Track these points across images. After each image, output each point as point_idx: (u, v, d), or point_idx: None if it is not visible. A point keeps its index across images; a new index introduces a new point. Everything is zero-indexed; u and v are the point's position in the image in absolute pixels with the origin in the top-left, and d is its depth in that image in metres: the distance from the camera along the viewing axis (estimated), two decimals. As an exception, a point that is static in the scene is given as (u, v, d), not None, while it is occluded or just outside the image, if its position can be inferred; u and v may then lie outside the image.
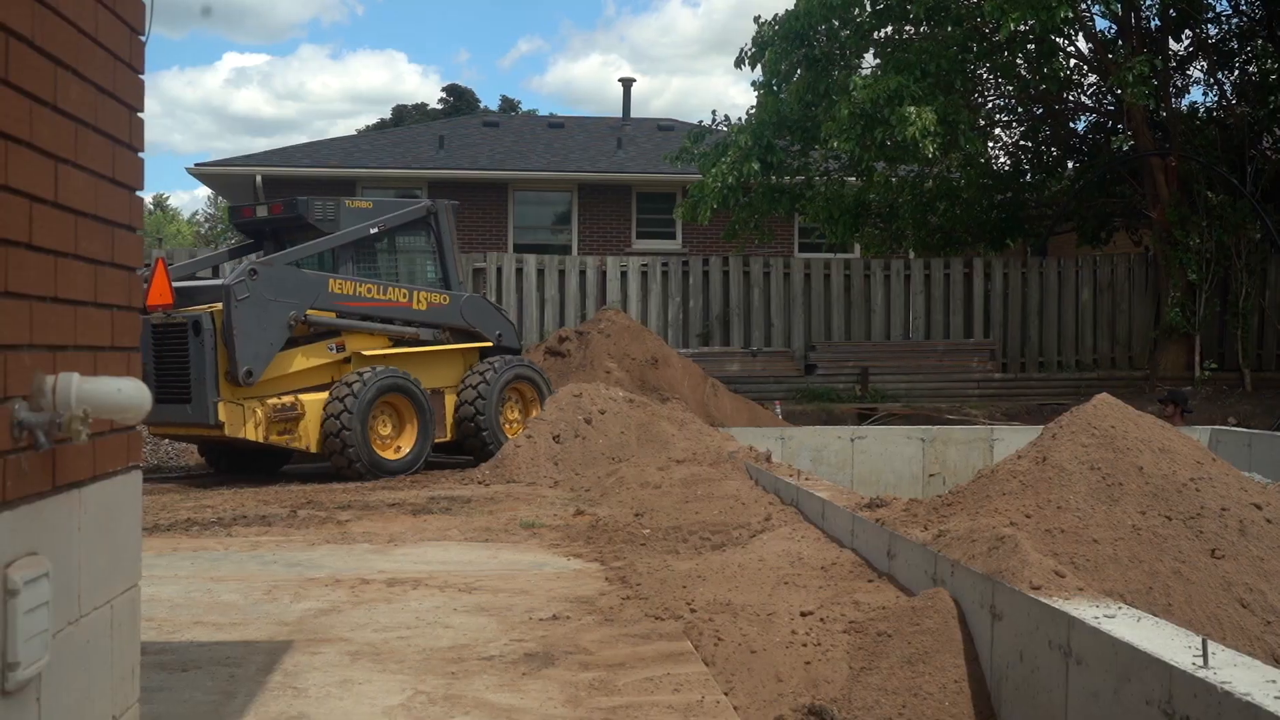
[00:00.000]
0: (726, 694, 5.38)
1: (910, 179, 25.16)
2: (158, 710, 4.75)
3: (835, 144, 19.96)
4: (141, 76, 3.51)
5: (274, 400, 12.93)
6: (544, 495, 11.77)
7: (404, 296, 14.19)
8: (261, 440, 12.90)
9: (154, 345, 12.99)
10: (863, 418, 20.28)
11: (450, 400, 14.68)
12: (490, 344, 15.16)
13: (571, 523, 9.97)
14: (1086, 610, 4.69)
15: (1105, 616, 4.59)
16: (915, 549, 6.45)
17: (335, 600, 6.92)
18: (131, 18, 3.42)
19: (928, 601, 5.84)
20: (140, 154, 3.51)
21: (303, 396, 13.20)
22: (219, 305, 12.73)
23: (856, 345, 22.91)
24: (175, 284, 13.16)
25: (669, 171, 26.95)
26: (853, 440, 16.94)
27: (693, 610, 6.41)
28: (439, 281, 14.87)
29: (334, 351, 13.62)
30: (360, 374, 13.35)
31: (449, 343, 14.77)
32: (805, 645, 5.85)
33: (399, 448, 13.78)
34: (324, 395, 13.32)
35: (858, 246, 27.49)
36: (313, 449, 13.31)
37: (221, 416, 12.55)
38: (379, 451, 13.46)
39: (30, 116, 2.75)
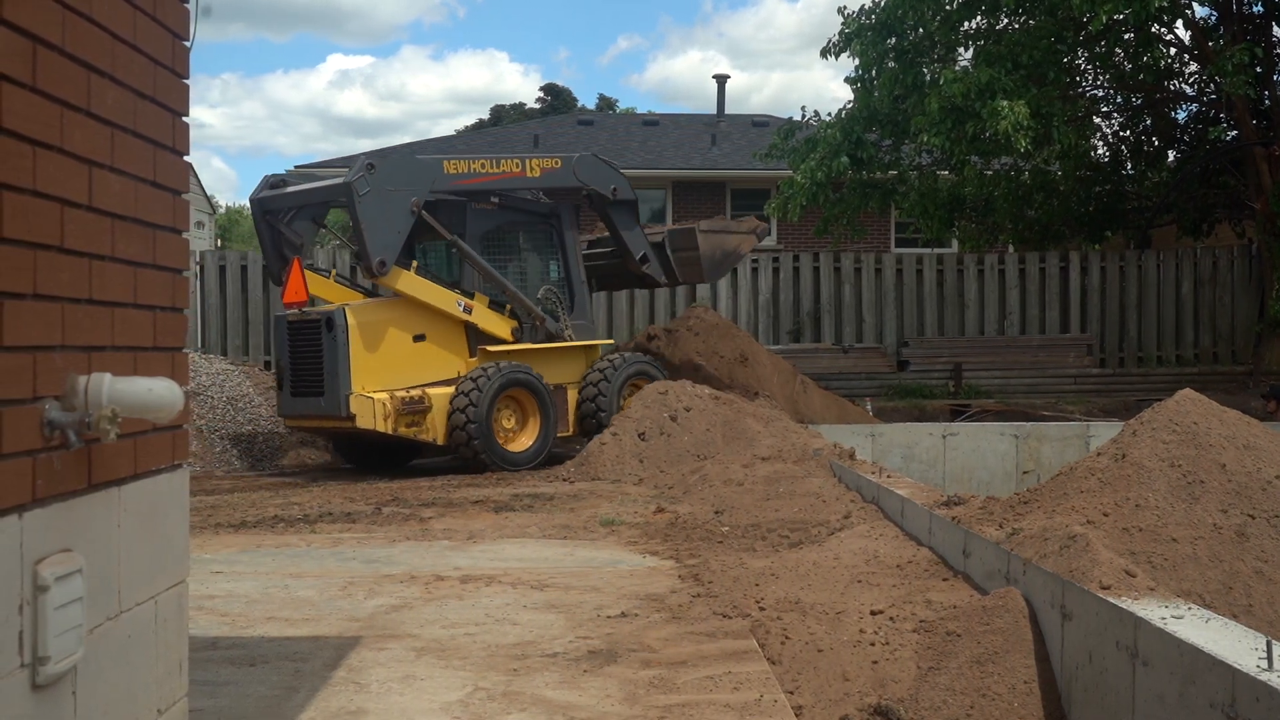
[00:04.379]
0: (791, 693, 5.34)
1: (1005, 172, 24.79)
2: (221, 704, 4.83)
3: (926, 138, 19.73)
4: (186, 81, 3.56)
5: (403, 393, 13.39)
6: (627, 493, 11.79)
7: (516, 167, 14.55)
8: (390, 432, 13.37)
9: (289, 341, 13.75)
10: (956, 414, 20.01)
11: (572, 395, 15.08)
12: (611, 341, 15.93)
13: (651, 520, 9.96)
14: (1154, 611, 4.58)
15: (1173, 617, 4.49)
16: (989, 547, 6.36)
17: (408, 596, 6.99)
18: (174, 23, 3.47)
19: (998, 601, 5.75)
20: (185, 157, 3.56)
21: (430, 390, 13.67)
22: (351, 303, 13.55)
23: (950, 341, 22.63)
24: (297, 189, 14.05)
25: (763, 168, 26.80)
26: (944, 437, 16.74)
27: (761, 608, 6.38)
28: (560, 281, 15.25)
29: (463, 310, 14.06)
30: (486, 368, 13.80)
31: (571, 338, 15.05)
32: (873, 644, 5.79)
33: (522, 441, 14.18)
34: (450, 389, 13.76)
35: (955, 241, 27.14)
36: (439, 441, 13.80)
37: (353, 409, 13.09)
38: (503, 444, 13.88)
39: (61, 122, 2.80)
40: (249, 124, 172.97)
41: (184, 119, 3.56)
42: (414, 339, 13.76)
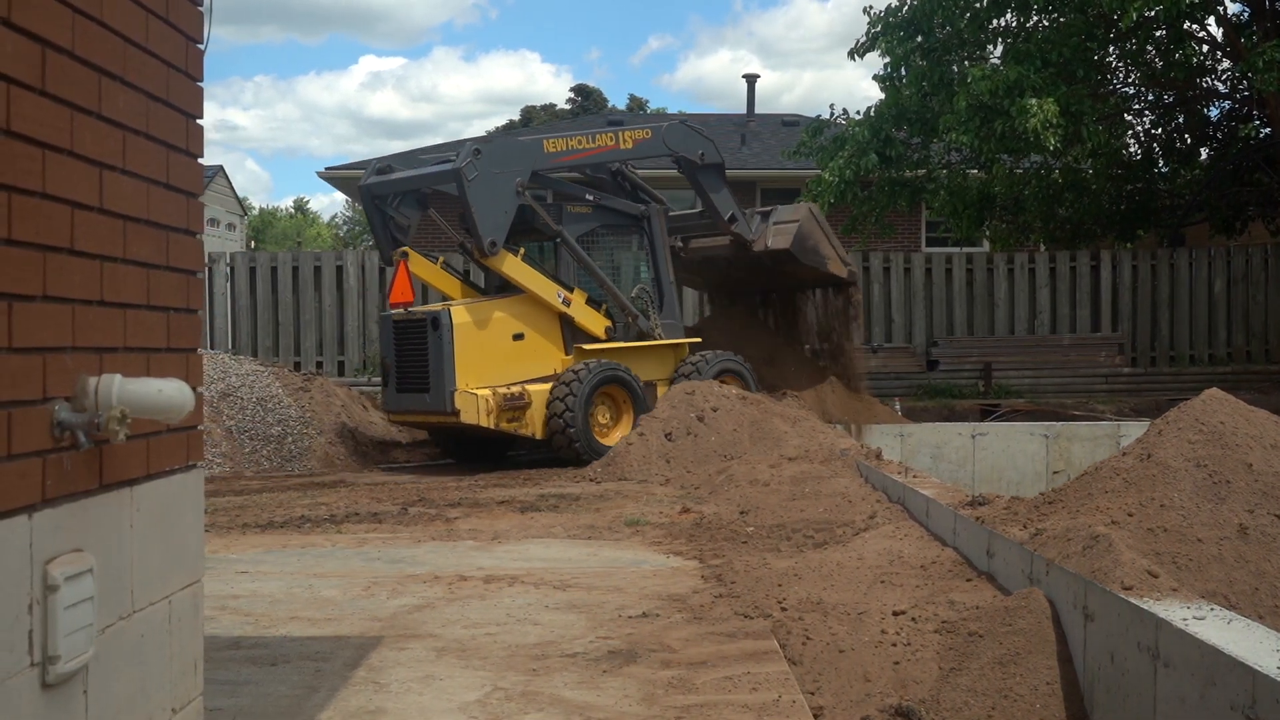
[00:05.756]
0: (812, 694, 5.33)
1: (1035, 171, 24.64)
2: (241, 704, 4.85)
3: (954, 136, 19.66)
4: (200, 84, 3.58)
5: (504, 390, 13.96)
6: (653, 493, 11.78)
7: (610, 140, 15.39)
8: (492, 427, 13.98)
9: (395, 340, 14.50)
10: (985, 414, 19.92)
11: (662, 391, 15.51)
12: (699, 340, 16.38)
13: (676, 520, 9.96)
14: (1176, 612, 4.54)
15: (1194, 618, 4.45)
16: (1012, 548, 6.32)
17: (430, 596, 7.01)
18: (188, 26, 3.48)
19: (1021, 601, 5.72)
20: (199, 159, 3.58)
21: (529, 386, 14.27)
22: (454, 302, 14.38)
23: (980, 340, 22.52)
24: (404, 175, 14.83)
25: (793, 166, 26.71)
26: (974, 437, 16.68)
27: (783, 609, 6.36)
28: (651, 280, 15.85)
29: (562, 302, 14.73)
30: (581, 366, 14.39)
31: (661, 336, 15.60)
32: (895, 645, 5.76)
33: (616, 435, 14.66)
34: (548, 386, 14.36)
35: (985, 240, 27.00)
36: (538, 435, 14.42)
37: (457, 405, 13.71)
38: (598, 438, 14.44)
39: (71, 125, 2.82)
40: (282, 126, 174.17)
41: (198, 121, 3.57)
42: (514, 338, 14.42)
